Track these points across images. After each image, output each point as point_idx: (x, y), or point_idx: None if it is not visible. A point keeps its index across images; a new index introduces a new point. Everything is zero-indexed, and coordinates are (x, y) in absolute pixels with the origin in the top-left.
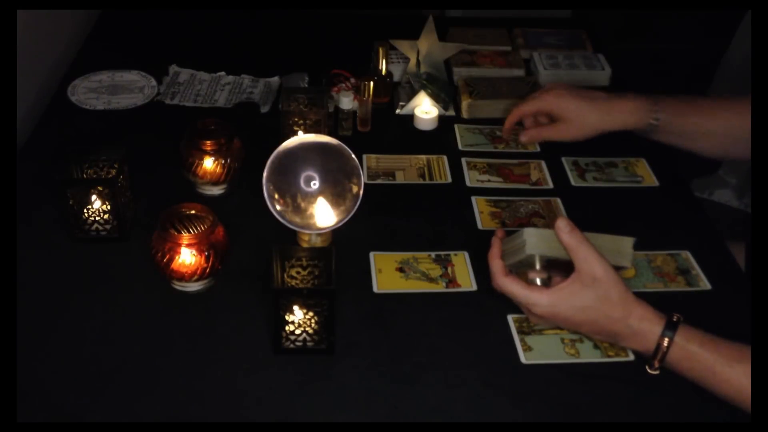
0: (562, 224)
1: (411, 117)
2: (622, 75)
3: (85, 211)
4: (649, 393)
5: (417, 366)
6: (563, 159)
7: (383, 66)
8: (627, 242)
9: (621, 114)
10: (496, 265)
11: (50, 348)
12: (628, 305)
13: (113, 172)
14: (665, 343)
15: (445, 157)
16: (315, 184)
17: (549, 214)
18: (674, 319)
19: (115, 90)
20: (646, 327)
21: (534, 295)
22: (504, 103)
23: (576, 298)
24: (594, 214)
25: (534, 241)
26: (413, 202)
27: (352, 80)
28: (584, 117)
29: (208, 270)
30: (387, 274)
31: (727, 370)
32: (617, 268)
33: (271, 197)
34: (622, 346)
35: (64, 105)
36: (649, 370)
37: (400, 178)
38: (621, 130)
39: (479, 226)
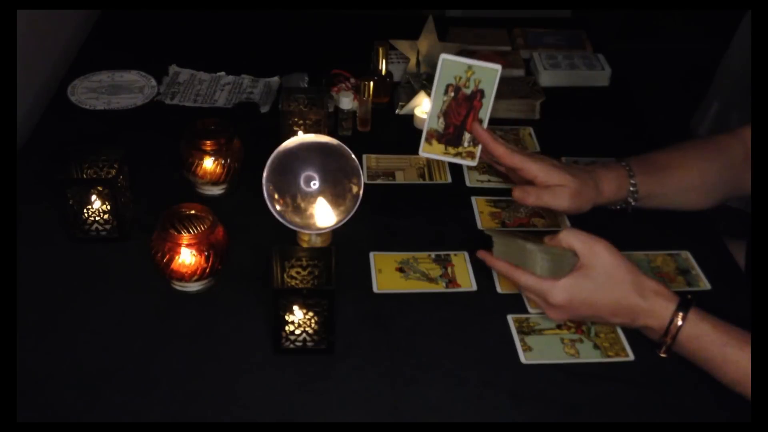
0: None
1: (411, 117)
2: (622, 75)
3: (85, 211)
4: (649, 393)
5: (417, 366)
6: (563, 159)
7: (383, 66)
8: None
9: (604, 191)
10: (501, 265)
11: (50, 348)
12: (637, 275)
13: (113, 172)
14: (679, 319)
15: None
16: (315, 184)
17: (549, 214)
18: (688, 297)
19: (115, 90)
20: (660, 303)
21: (547, 284)
22: (504, 103)
23: (588, 280)
24: (594, 214)
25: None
26: (413, 202)
27: (352, 80)
28: (582, 186)
29: (208, 270)
30: (387, 274)
31: (737, 353)
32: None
33: (271, 197)
34: (638, 325)
35: (64, 105)
36: (659, 353)
37: (400, 178)
38: (608, 204)
39: (479, 226)
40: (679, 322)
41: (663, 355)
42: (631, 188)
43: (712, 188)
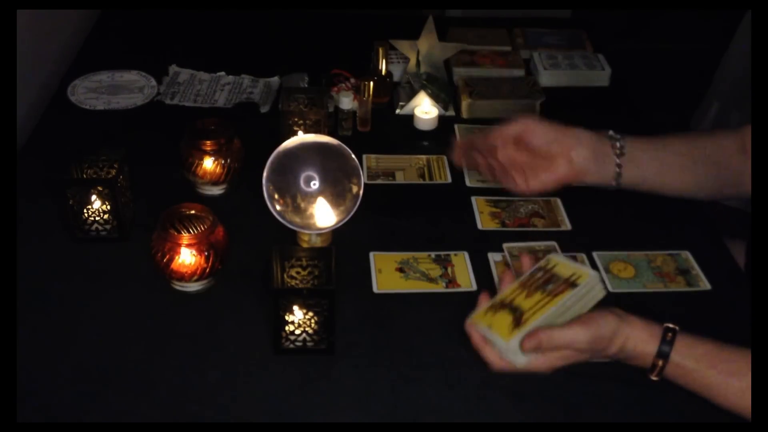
0: (528, 345)
1: (411, 117)
2: (622, 75)
3: (85, 211)
4: (649, 393)
5: (417, 366)
6: None
7: (383, 66)
8: (592, 280)
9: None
10: (488, 350)
11: (50, 348)
12: (621, 338)
13: (113, 172)
14: (660, 364)
15: (445, 157)
16: (315, 184)
17: (549, 214)
18: (668, 337)
19: (115, 90)
20: (641, 349)
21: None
22: (504, 103)
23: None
24: (594, 214)
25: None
26: (413, 202)
27: (352, 80)
28: (572, 149)
29: (208, 270)
30: (387, 274)
31: (723, 386)
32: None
33: (271, 197)
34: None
35: (64, 105)
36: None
37: (400, 178)
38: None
39: (479, 226)
40: (660, 365)
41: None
42: (618, 143)
43: (704, 174)
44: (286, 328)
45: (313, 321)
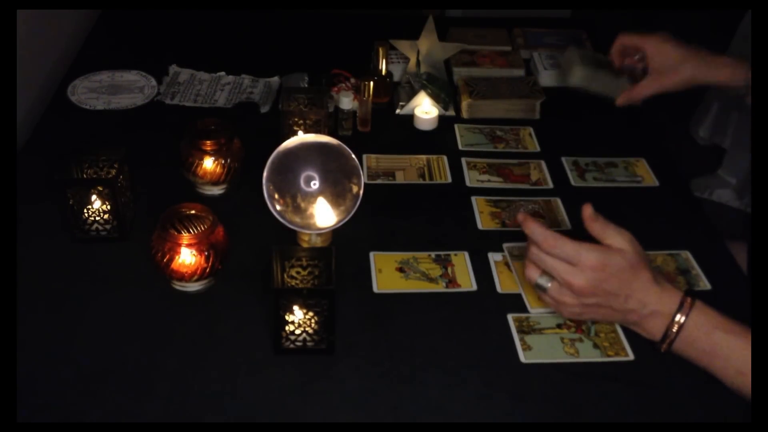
0: (588, 213)
1: (411, 117)
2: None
3: (85, 211)
4: (649, 393)
5: (417, 366)
6: (563, 159)
7: (383, 66)
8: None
9: (719, 68)
10: (539, 230)
11: (50, 348)
12: (651, 266)
13: (113, 172)
14: (688, 302)
15: (445, 157)
16: (315, 184)
17: (549, 214)
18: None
19: (115, 90)
20: (671, 288)
21: (585, 245)
22: (504, 103)
23: (620, 256)
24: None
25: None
26: (413, 202)
27: (352, 80)
28: (681, 66)
29: (208, 270)
30: (387, 274)
31: (744, 342)
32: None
33: (271, 197)
34: (646, 312)
35: (64, 105)
36: (660, 348)
37: (400, 178)
38: (715, 85)
39: (479, 226)
40: (689, 307)
41: (663, 349)
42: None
43: None
44: (286, 328)
45: (313, 321)
